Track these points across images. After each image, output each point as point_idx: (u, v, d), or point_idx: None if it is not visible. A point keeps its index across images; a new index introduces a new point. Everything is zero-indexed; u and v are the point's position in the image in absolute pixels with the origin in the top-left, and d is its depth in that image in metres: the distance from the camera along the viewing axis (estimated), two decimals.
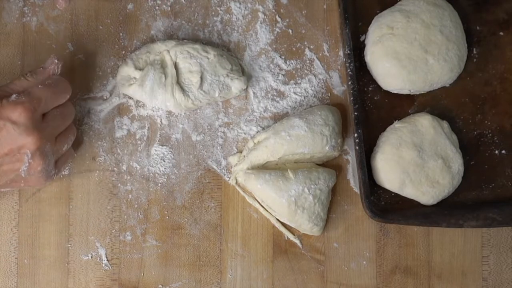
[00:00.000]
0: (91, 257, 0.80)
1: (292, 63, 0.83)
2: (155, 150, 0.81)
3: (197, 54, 0.78)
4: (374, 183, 0.80)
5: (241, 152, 0.81)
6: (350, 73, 0.78)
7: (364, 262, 0.81)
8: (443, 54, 0.79)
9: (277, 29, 0.83)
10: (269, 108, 0.82)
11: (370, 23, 0.82)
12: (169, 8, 0.82)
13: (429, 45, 0.79)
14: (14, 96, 0.68)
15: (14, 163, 0.69)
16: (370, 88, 0.83)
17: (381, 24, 0.80)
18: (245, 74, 0.81)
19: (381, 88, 0.82)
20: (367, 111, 0.82)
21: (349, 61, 0.78)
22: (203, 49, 0.79)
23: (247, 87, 0.81)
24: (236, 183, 0.81)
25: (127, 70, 0.78)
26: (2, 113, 0.67)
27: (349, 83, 0.78)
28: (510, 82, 0.84)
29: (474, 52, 0.84)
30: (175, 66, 0.78)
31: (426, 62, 0.79)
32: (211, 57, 0.79)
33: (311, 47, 0.83)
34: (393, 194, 0.81)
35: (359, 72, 0.82)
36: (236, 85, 0.80)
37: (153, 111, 0.81)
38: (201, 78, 0.78)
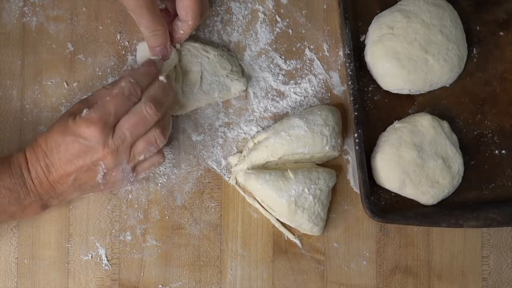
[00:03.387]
0: (91, 257, 0.80)
1: (292, 63, 0.83)
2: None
3: (198, 53, 0.78)
4: (374, 183, 0.80)
5: (241, 152, 0.81)
6: (350, 73, 0.78)
7: (364, 262, 0.81)
8: (443, 54, 0.79)
9: (277, 29, 0.83)
10: (269, 108, 0.82)
11: (370, 23, 0.82)
12: None
13: (429, 45, 0.79)
14: (85, 111, 0.69)
15: (90, 174, 0.71)
16: (370, 88, 0.83)
17: (381, 24, 0.80)
18: (245, 76, 0.81)
19: (381, 88, 0.82)
20: (367, 111, 0.82)
21: (349, 61, 0.78)
22: (203, 49, 0.79)
23: (246, 88, 0.81)
24: (236, 183, 0.81)
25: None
26: (74, 129, 0.69)
27: (349, 83, 0.78)
28: (510, 82, 0.84)
29: (474, 52, 0.84)
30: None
31: (426, 62, 0.79)
32: (211, 57, 0.79)
33: (311, 47, 0.83)
34: (393, 194, 0.81)
35: (359, 72, 0.82)
36: (235, 86, 0.80)
37: None
38: (201, 78, 0.78)
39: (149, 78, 0.72)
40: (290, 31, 0.83)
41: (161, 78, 0.73)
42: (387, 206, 0.81)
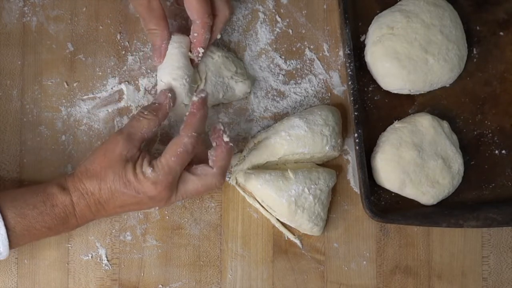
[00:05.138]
0: (91, 257, 0.80)
1: (292, 63, 0.83)
2: (156, 150, 0.80)
3: None
4: (374, 183, 0.80)
5: (241, 152, 0.81)
6: (350, 73, 0.78)
7: (364, 262, 0.81)
8: (443, 54, 0.79)
9: (277, 29, 0.83)
10: (269, 108, 0.82)
11: (370, 23, 0.82)
12: None
13: (429, 45, 0.79)
14: (149, 171, 0.69)
15: (139, 209, 0.75)
16: (370, 88, 0.83)
17: (381, 24, 0.81)
18: (250, 78, 0.81)
19: (381, 88, 0.82)
20: (367, 111, 0.82)
21: (349, 61, 0.78)
22: (208, 49, 0.78)
23: (250, 91, 0.81)
24: (236, 183, 0.80)
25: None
26: (137, 187, 0.69)
27: (349, 83, 0.78)
28: (510, 82, 0.84)
29: (474, 52, 0.84)
30: None
31: (426, 62, 0.79)
32: (216, 58, 0.78)
33: (311, 47, 0.83)
34: (393, 194, 0.81)
35: (359, 72, 0.82)
36: (240, 88, 0.79)
37: None
38: (205, 79, 0.78)
39: (205, 122, 0.73)
40: (290, 31, 0.83)
41: (227, 139, 0.71)
42: (387, 206, 0.81)
